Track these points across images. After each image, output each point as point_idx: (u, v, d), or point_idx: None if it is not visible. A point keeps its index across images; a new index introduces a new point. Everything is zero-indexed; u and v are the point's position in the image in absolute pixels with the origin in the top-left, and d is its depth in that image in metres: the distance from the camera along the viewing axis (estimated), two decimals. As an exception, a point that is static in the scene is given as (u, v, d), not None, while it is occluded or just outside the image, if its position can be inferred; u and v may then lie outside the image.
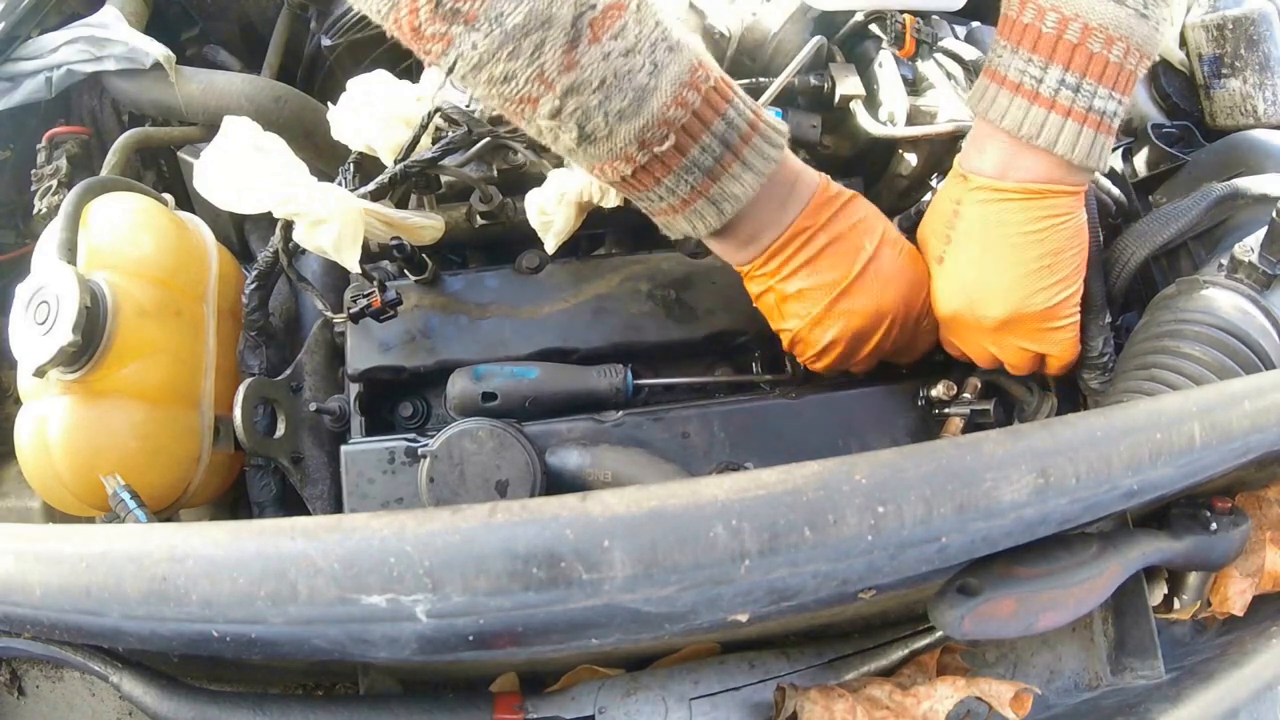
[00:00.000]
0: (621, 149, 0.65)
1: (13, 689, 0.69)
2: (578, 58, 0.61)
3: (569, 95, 0.62)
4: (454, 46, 0.61)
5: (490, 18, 0.59)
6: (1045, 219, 0.73)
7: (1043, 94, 0.69)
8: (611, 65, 0.61)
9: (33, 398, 0.85)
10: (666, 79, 0.63)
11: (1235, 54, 1.06)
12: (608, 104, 0.62)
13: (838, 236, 0.75)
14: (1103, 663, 0.72)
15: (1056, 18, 0.68)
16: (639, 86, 0.62)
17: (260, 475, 0.93)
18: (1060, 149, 0.70)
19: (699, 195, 0.69)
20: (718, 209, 0.70)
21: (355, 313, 0.84)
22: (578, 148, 0.65)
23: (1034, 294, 0.75)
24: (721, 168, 0.68)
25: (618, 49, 0.61)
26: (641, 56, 0.62)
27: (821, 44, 0.90)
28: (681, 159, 0.67)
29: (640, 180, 0.68)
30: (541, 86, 0.62)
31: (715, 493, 0.47)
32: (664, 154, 0.66)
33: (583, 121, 0.63)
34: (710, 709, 0.63)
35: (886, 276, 0.77)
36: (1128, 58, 0.68)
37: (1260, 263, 0.77)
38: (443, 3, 0.59)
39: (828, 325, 0.77)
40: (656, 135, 0.65)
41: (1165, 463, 0.54)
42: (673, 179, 0.68)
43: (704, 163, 0.67)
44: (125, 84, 1.09)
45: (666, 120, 0.64)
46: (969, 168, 0.76)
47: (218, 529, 0.50)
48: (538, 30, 0.59)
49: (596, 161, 0.67)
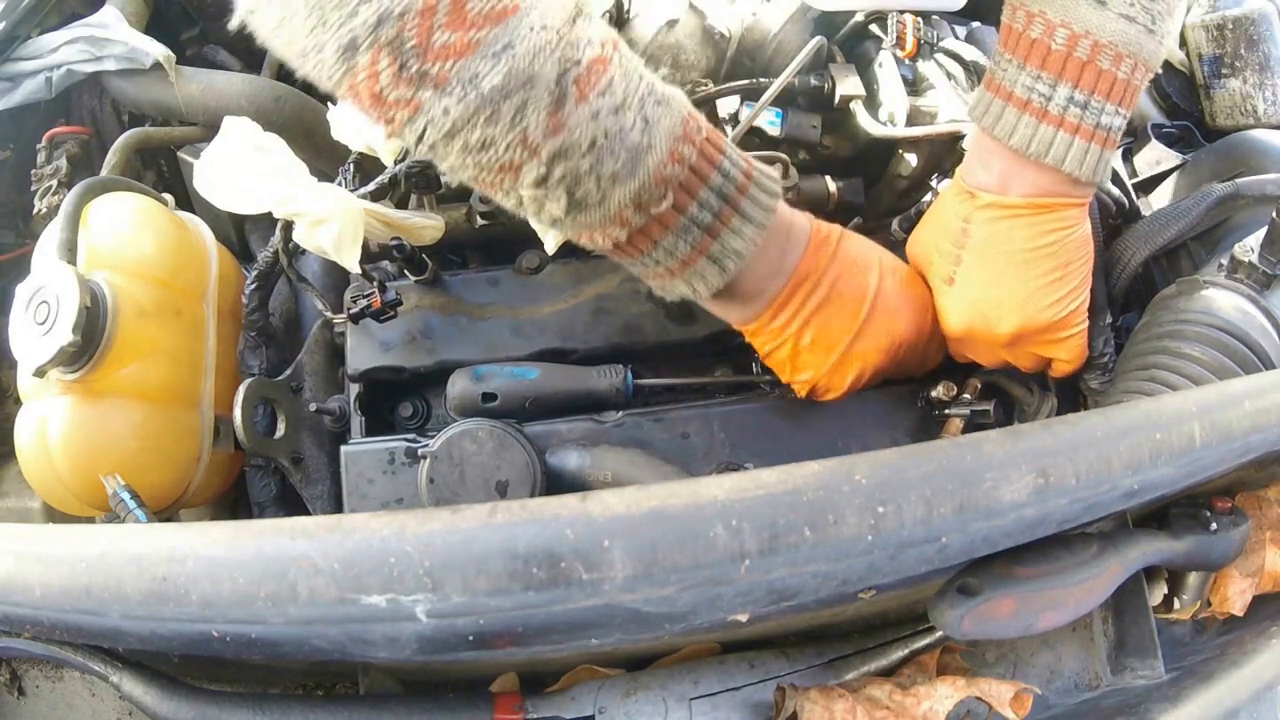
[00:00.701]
0: (616, 213, 0.61)
1: (13, 689, 0.69)
2: (564, 119, 0.56)
3: (556, 160, 0.57)
4: (422, 113, 0.55)
5: (464, 80, 0.53)
6: (1054, 232, 0.72)
7: (1051, 111, 0.68)
8: (602, 125, 0.57)
9: (33, 398, 0.85)
10: (660, 134, 0.60)
11: (1235, 54, 1.06)
12: (600, 167, 0.58)
13: (840, 277, 0.73)
14: (1103, 663, 0.72)
15: (1066, 34, 0.67)
16: (632, 145, 0.58)
17: (260, 475, 0.93)
18: (1068, 166, 0.69)
19: (700, 254, 0.65)
20: (720, 267, 0.66)
21: (355, 313, 0.84)
22: (566, 216, 0.61)
23: (1046, 307, 0.74)
24: (721, 223, 0.65)
25: (606, 106, 0.57)
26: (632, 113, 0.58)
27: (821, 44, 0.90)
28: (679, 218, 0.63)
29: (636, 244, 0.64)
30: (525, 153, 0.57)
31: (715, 493, 0.47)
32: (661, 214, 0.62)
33: (572, 188, 0.59)
34: (710, 709, 0.63)
35: (894, 308, 0.76)
36: (1135, 74, 0.68)
37: (1260, 263, 0.77)
38: (408, 65, 0.53)
39: (847, 369, 0.76)
40: (654, 195, 0.61)
41: (1165, 463, 0.54)
42: (671, 240, 0.64)
43: (703, 219, 0.64)
44: (125, 84, 1.09)
45: (663, 178, 0.61)
46: (974, 184, 0.74)
47: (218, 529, 0.50)
48: (519, 91, 0.54)
49: (587, 229, 0.62)
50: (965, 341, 0.80)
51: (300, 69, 0.56)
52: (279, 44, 0.56)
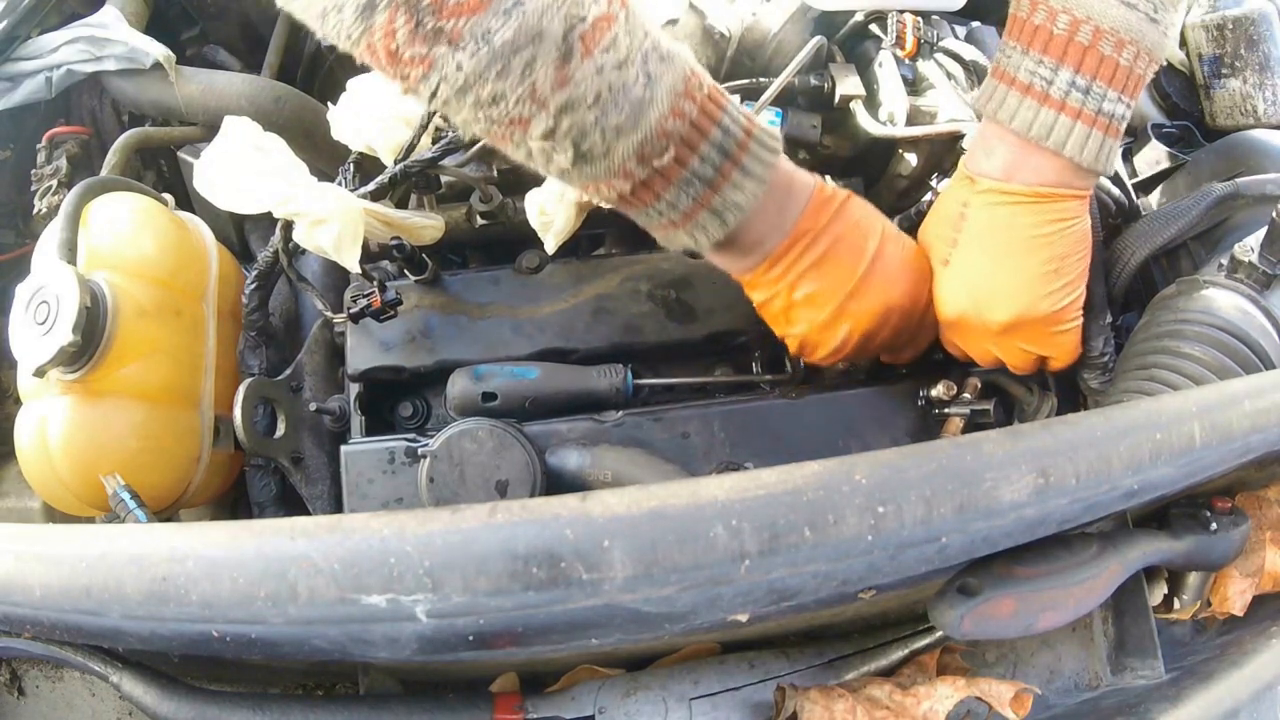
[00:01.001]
0: (620, 165, 0.63)
1: (13, 689, 0.69)
2: (571, 73, 0.58)
3: (563, 113, 0.59)
4: (436, 69, 0.57)
5: (476, 36, 0.56)
6: (1053, 222, 0.72)
7: (1053, 95, 0.69)
8: (606, 79, 0.59)
9: (33, 398, 0.85)
10: (662, 90, 0.62)
11: (1235, 54, 1.06)
12: (604, 119, 0.60)
13: (840, 237, 0.74)
14: (1103, 663, 0.72)
15: (1068, 20, 0.68)
16: (635, 99, 0.60)
17: (260, 475, 0.93)
18: (1069, 151, 0.69)
19: (701, 207, 0.67)
20: (720, 219, 0.68)
21: (355, 313, 0.84)
22: (573, 168, 0.63)
23: (1041, 298, 0.74)
24: (722, 177, 0.66)
25: (610, 62, 0.59)
26: (635, 69, 0.60)
27: (821, 44, 0.90)
28: (681, 171, 0.65)
29: (640, 196, 0.66)
30: (534, 106, 0.59)
31: (715, 493, 0.47)
32: (663, 167, 0.64)
33: (579, 140, 0.61)
34: (710, 709, 0.63)
35: (892, 274, 0.76)
36: (1137, 61, 0.68)
37: (1260, 263, 0.77)
38: (423, 22, 0.55)
39: (838, 327, 0.76)
40: (656, 148, 0.63)
41: (1165, 463, 0.54)
42: (673, 192, 0.66)
43: (704, 173, 0.66)
44: (125, 84, 1.09)
45: (665, 132, 0.63)
46: (975, 170, 0.75)
47: (218, 529, 0.50)
48: (528, 46, 0.57)
49: (593, 180, 0.65)
50: (957, 327, 0.80)
51: (319, 29, 0.58)
52: (298, 6, 0.58)
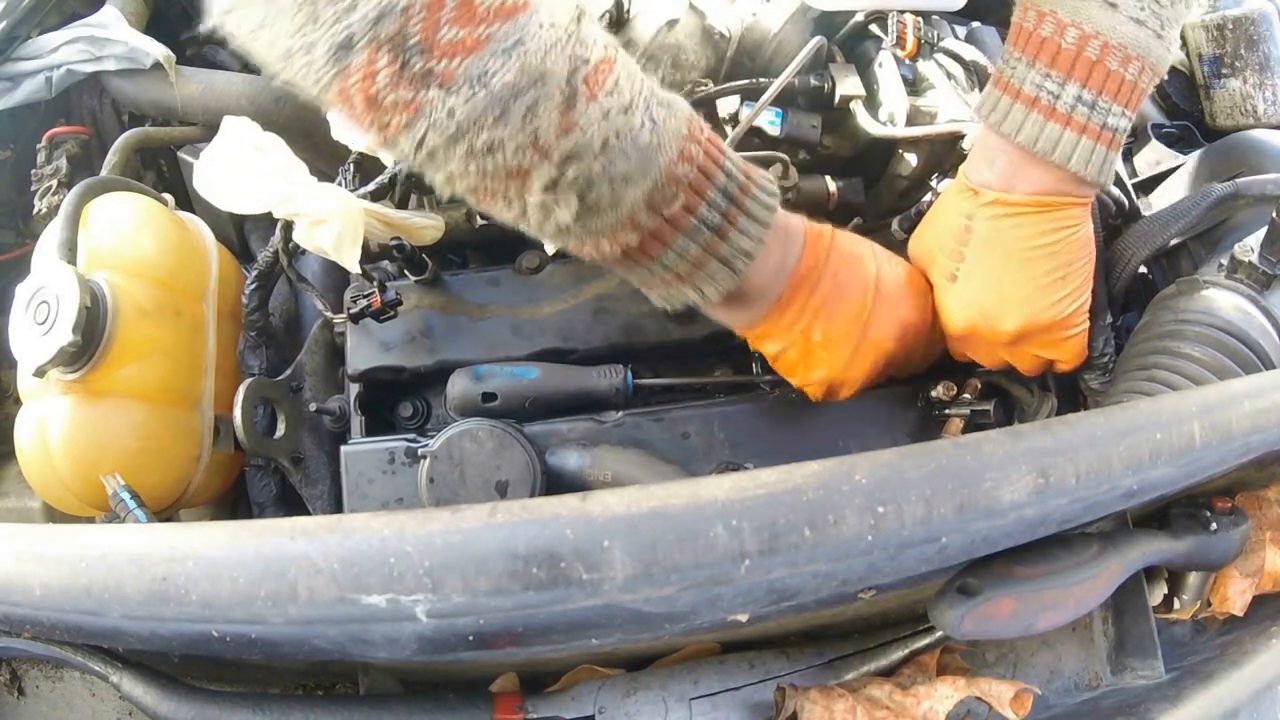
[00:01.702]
0: (628, 216, 0.59)
1: (13, 689, 0.69)
2: (576, 118, 0.54)
3: (568, 162, 0.55)
4: (422, 115, 0.52)
5: (472, 78, 0.51)
6: (1058, 230, 0.72)
7: (1059, 110, 0.69)
8: (613, 124, 0.55)
9: (33, 398, 0.85)
10: (668, 134, 0.59)
11: (1235, 54, 1.06)
12: (612, 168, 0.56)
13: (840, 270, 0.73)
14: (1103, 663, 0.72)
15: (1077, 34, 0.67)
16: (643, 145, 0.57)
17: (260, 475, 0.93)
18: (1074, 165, 0.69)
19: (709, 257, 0.65)
20: (729, 268, 0.66)
21: (355, 313, 0.84)
22: (575, 223, 0.58)
23: (1050, 306, 0.74)
24: (729, 223, 0.64)
25: (616, 106, 0.56)
26: (639, 113, 0.57)
27: (821, 44, 0.90)
28: (690, 219, 0.62)
29: (646, 249, 0.63)
30: (535, 155, 0.54)
31: (715, 493, 0.47)
32: (673, 215, 0.61)
33: (584, 191, 0.57)
34: (710, 709, 0.63)
35: (897, 295, 0.76)
36: (1142, 76, 0.68)
37: (1260, 263, 0.77)
38: (410, 63, 0.50)
39: (861, 361, 0.75)
40: (666, 196, 0.60)
41: (1165, 463, 0.54)
42: (681, 242, 0.63)
43: (711, 220, 0.63)
44: (125, 84, 1.09)
45: (674, 178, 0.60)
46: (978, 180, 0.74)
47: (218, 529, 0.50)
48: (530, 89, 0.52)
49: (596, 235, 0.60)
50: (967, 340, 0.80)
51: (283, 72, 0.53)
52: (260, 45, 0.53)
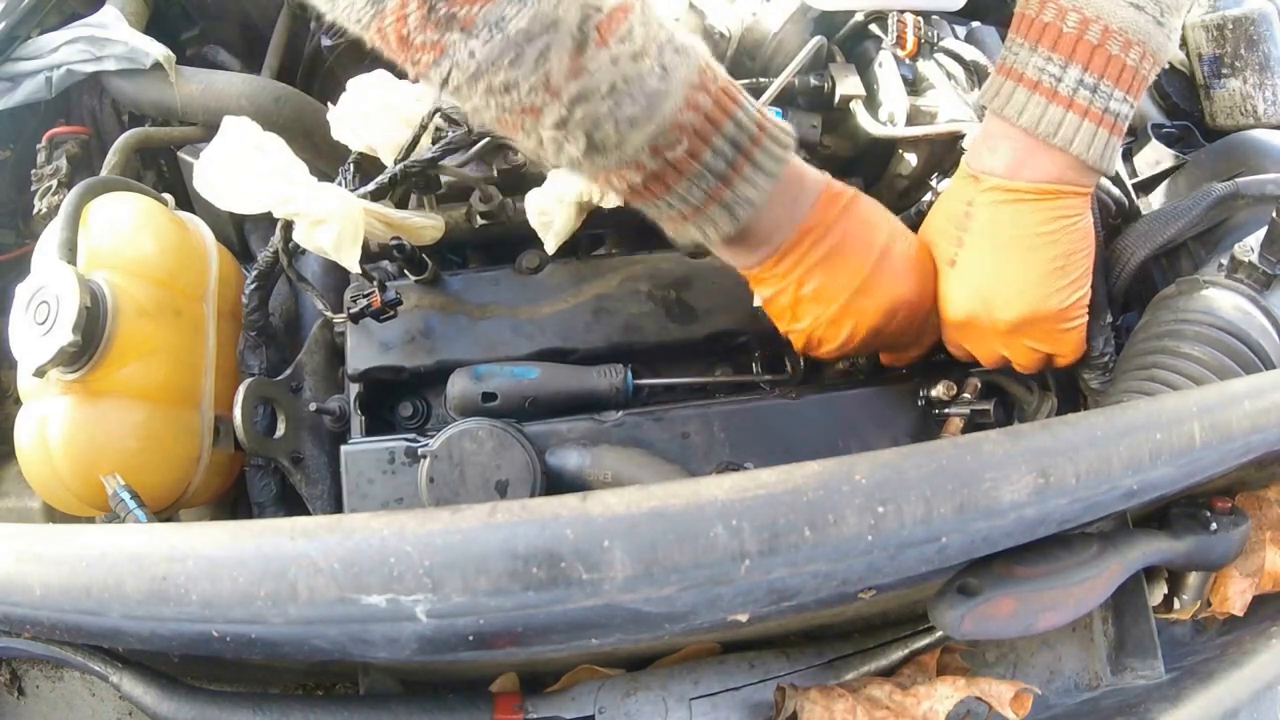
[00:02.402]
0: (632, 157, 0.62)
1: (13, 689, 0.69)
2: (585, 63, 0.58)
3: (577, 103, 0.59)
4: (447, 55, 0.57)
5: (490, 23, 0.55)
6: (1059, 219, 0.72)
7: (1061, 92, 0.69)
8: (621, 70, 0.59)
9: (33, 398, 0.85)
10: (677, 82, 0.61)
11: (1235, 54, 1.06)
12: (618, 110, 0.60)
13: (848, 233, 0.74)
14: (1103, 663, 0.72)
15: (1078, 18, 0.68)
16: (650, 91, 0.60)
17: (260, 475, 0.93)
18: (1076, 148, 0.69)
19: (712, 201, 0.67)
20: (731, 214, 0.68)
21: (355, 313, 0.84)
22: (584, 158, 0.62)
23: (1049, 296, 0.74)
24: (734, 171, 0.66)
25: (626, 52, 0.59)
26: (650, 60, 0.60)
27: (821, 44, 0.90)
28: (694, 164, 0.64)
29: (651, 188, 0.65)
30: (547, 95, 0.58)
31: (715, 493, 0.47)
32: (676, 160, 0.63)
33: (591, 130, 0.60)
34: (710, 709, 0.63)
35: (899, 270, 0.76)
36: (1143, 62, 0.69)
37: (1260, 263, 0.77)
38: (436, 7, 0.55)
39: (844, 322, 0.76)
40: (669, 140, 0.62)
41: (1165, 463, 0.54)
42: (685, 185, 0.65)
43: (716, 167, 0.65)
44: (125, 84, 1.09)
45: (679, 125, 0.62)
46: (980, 167, 0.75)
47: (218, 529, 0.50)
48: (542, 35, 0.56)
49: (604, 171, 0.64)
50: (965, 329, 0.80)
51: (329, 11, 0.59)
52: None
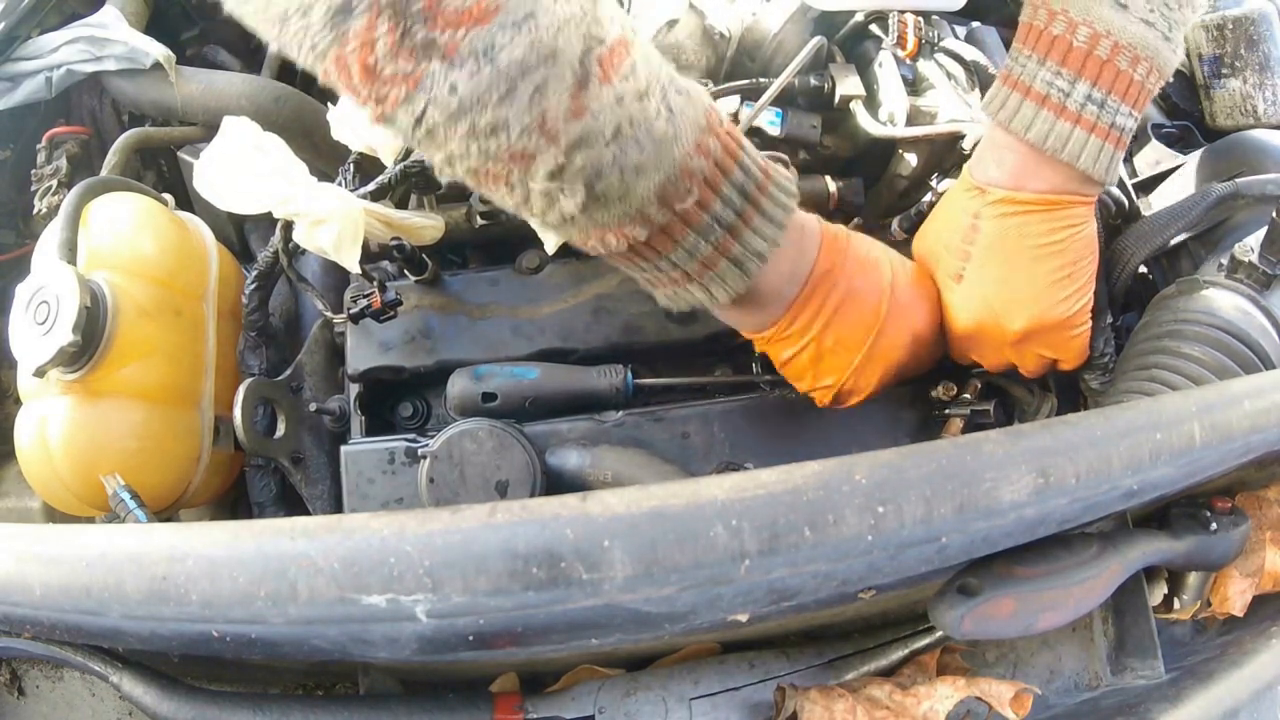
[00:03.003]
0: (638, 209, 0.56)
1: (13, 689, 0.69)
2: (587, 102, 0.51)
3: (576, 149, 0.52)
4: (423, 90, 0.48)
5: (478, 51, 0.47)
6: (1065, 229, 0.72)
7: (1069, 107, 0.68)
8: (627, 110, 0.52)
9: (33, 398, 0.85)
10: (685, 124, 0.56)
11: (1235, 54, 1.06)
12: (623, 157, 0.53)
13: (855, 275, 0.71)
14: (1103, 663, 0.72)
15: (1088, 33, 0.67)
16: (658, 134, 0.54)
17: (260, 475, 0.93)
18: (1083, 163, 0.69)
19: (721, 257, 0.62)
20: (741, 270, 0.63)
21: (355, 313, 0.83)
22: (581, 214, 0.55)
23: (1057, 304, 0.74)
24: (743, 222, 0.61)
25: (631, 91, 0.52)
26: (655, 100, 0.54)
27: (821, 44, 0.90)
28: (703, 216, 0.59)
29: (655, 245, 0.60)
30: (542, 139, 0.51)
31: (715, 493, 0.47)
32: (685, 211, 0.58)
33: (593, 180, 0.53)
34: (710, 709, 0.63)
35: (909, 301, 0.75)
36: (1149, 78, 0.69)
37: (1260, 263, 0.77)
38: (412, 31, 0.47)
39: (872, 368, 0.74)
40: (679, 190, 0.56)
41: (1165, 463, 0.54)
42: (691, 240, 0.60)
43: (726, 217, 0.60)
44: (125, 84, 1.09)
45: (689, 171, 0.56)
46: (985, 179, 0.74)
47: (218, 529, 0.50)
48: (540, 67, 0.49)
49: (602, 228, 0.57)
50: (973, 339, 0.79)
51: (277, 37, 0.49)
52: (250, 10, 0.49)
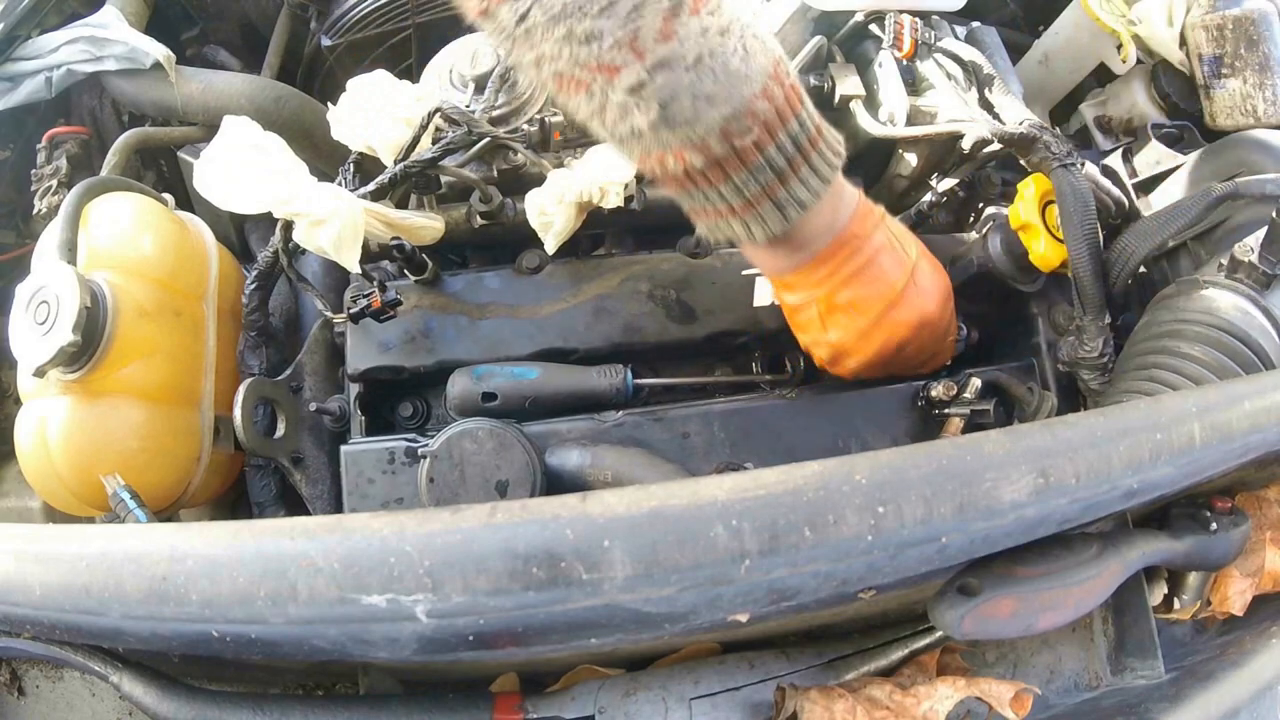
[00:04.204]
0: (701, 137, 0.59)
1: (13, 689, 0.69)
2: (676, 27, 0.54)
3: (659, 69, 0.55)
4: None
5: None
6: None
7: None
8: (709, 42, 0.56)
9: (33, 398, 0.85)
10: (757, 67, 0.59)
11: (1235, 54, 1.06)
12: (699, 84, 0.56)
13: (884, 246, 0.73)
14: (1103, 663, 0.72)
15: None
16: (732, 71, 0.57)
17: (260, 475, 0.93)
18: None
19: (766, 197, 0.64)
20: (782, 214, 0.66)
21: (355, 313, 0.84)
22: (650, 130, 0.58)
23: None
24: (792, 169, 0.64)
25: (715, 26, 0.56)
26: (734, 39, 0.57)
27: (821, 44, 0.90)
28: (757, 156, 0.62)
29: (708, 175, 0.62)
30: (631, 54, 0.54)
31: (715, 493, 0.47)
32: (742, 148, 0.61)
33: (668, 100, 0.57)
34: (710, 709, 0.63)
35: (927, 287, 0.76)
36: None
37: (1260, 263, 0.77)
38: None
39: (876, 335, 0.75)
40: (741, 126, 0.59)
41: (1165, 463, 0.54)
42: (743, 176, 0.62)
43: (777, 162, 0.63)
44: (125, 84, 1.09)
45: (753, 112, 0.59)
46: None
47: (218, 529, 0.50)
48: None
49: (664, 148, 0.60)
50: None
51: None
52: None
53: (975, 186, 1.01)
